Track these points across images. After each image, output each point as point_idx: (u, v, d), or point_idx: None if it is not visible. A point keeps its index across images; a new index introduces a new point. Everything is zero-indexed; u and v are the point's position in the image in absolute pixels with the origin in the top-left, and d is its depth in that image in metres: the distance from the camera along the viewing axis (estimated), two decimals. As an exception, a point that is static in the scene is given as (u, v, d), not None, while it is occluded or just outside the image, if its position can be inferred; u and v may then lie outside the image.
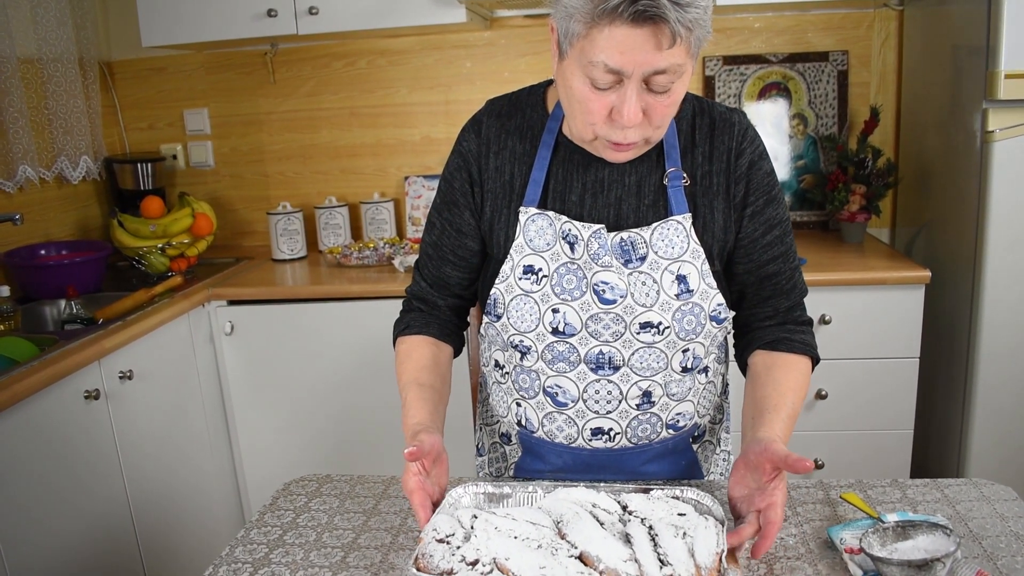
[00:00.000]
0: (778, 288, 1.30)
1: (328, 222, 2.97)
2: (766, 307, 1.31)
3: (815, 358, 1.28)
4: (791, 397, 1.19)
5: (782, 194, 1.30)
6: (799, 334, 1.28)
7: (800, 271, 1.33)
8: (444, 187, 1.35)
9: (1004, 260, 2.23)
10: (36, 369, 1.81)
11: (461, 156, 1.32)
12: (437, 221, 1.36)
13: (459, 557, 0.97)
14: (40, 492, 1.82)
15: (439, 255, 1.36)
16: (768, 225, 1.27)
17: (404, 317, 1.40)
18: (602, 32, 1.02)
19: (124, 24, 3.01)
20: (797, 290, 1.31)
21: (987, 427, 2.35)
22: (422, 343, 1.34)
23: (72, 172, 2.81)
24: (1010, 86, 2.10)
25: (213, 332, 2.57)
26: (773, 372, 1.24)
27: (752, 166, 1.25)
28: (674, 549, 0.96)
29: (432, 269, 1.37)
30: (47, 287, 2.43)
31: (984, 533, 1.11)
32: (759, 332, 1.31)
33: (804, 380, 1.24)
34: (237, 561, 1.13)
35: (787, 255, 1.29)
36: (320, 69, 3.04)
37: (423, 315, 1.39)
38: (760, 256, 1.27)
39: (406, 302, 1.42)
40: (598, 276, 1.22)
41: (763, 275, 1.29)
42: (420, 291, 1.39)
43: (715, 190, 1.25)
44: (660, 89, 1.07)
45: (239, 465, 2.68)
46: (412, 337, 1.36)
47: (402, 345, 1.35)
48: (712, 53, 2.87)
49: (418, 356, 1.32)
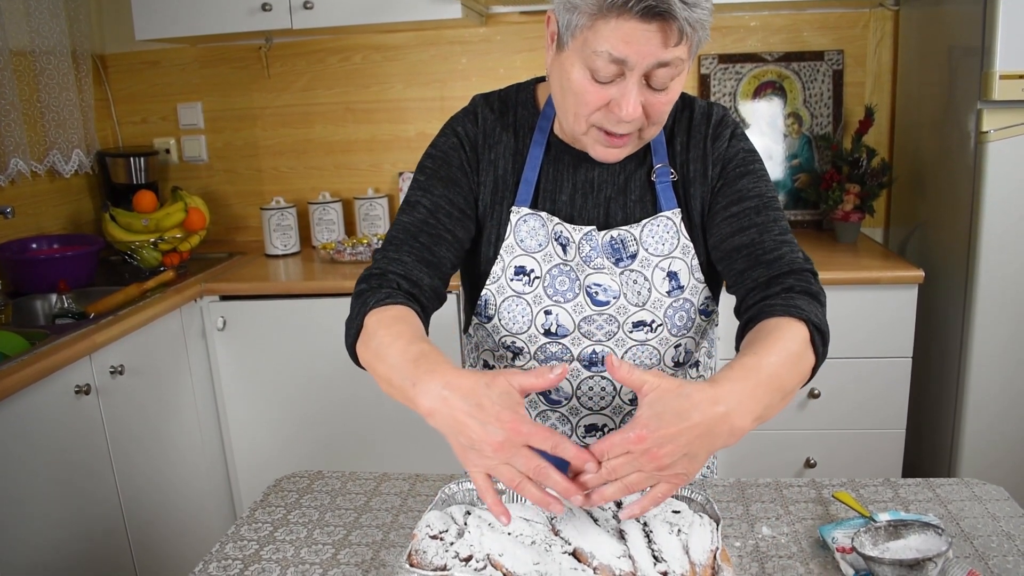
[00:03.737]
0: (755, 260, 1.16)
1: (322, 218, 2.96)
2: (745, 281, 1.16)
3: (810, 322, 1.05)
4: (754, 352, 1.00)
5: (765, 174, 1.23)
6: (784, 299, 1.09)
7: (792, 247, 1.17)
8: (435, 165, 1.26)
9: (997, 261, 2.24)
10: (26, 363, 1.80)
11: (459, 138, 1.27)
12: (426, 199, 1.23)
13: (452, 553, 0.97)
14: (30, 487, 1.81)
15: (431, 233, 1.21)
16: (736, 197, 1.20)
17: (381, 289, 1.14)
18: (608, 23, 1.01)
19: (118, 17, 2.99)
20: (783, 262, 1.15)
21: (979, 427, 2.36)
22: (412, 314, 1.11)
23: (64, 165, 2.79)
24: (1005, 87, 2.10)
25: (205, 327, 2.56)
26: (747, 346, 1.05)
27: (728, 146, 1.24)
28: (669, 546, 0.96)
29: (421, 247, 1.20)
30: (38, 281, 2.41)
31: (975, 533, 1.11)
32: (744, 313, 1.15)
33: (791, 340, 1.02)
34: (227, 557, 1.13)
35: (765, 227, 1.18)
36: (315, 64, 3.03)
37: (404, 293, 1.15)
38: (723, 228, 1.20)
39: (377, 280, 1.17)
40: (591, 278, 1.22)
41: (730, 247, 1.19)
42: (401, 268, 1.18)
43: (692, 177, 1.24)
44: (659, 86, 1.07)
45: (230, 461, 2.68)
46: (400, 306, 1.11)
47: (387, 312, 1.09)
48: (707, 51, 2.87)
49: (416, 322, 1.10)
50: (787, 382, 0.98)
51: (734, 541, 1.11)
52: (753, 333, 1.07)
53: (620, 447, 0.88)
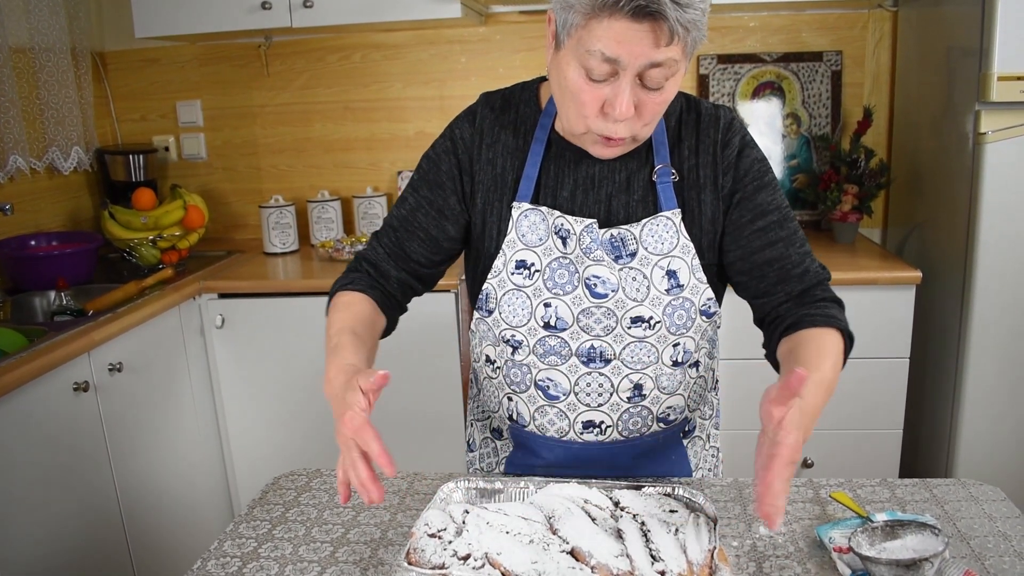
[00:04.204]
0: (785, 274, 1.24)
1: (320, 216, 2.96)
2: (777, 294, 1.24)
3: (845, 331, 1.19)
4: (817, 363, 1.10)
5: (776, 181, 1.27)
6: (820, 309, 1.20)
7: (812, 257, 1.26)
8: (427, 166, 1.32)
9: (995, 261, 2.24)
10: (25, 360, 1.80)
11: (453, 141, 1.31)
12: (411, 197, 1.32)
13: (451, 552, 0.97)
14: (28, 484, 1.81)
15: (407, 229, 1.32)
16: (759, 211, 1.24)
17: (348, 275, 1.32)
18: (601, 23, 1.02)
19: (117, 15, 2.99)
20: (811, 274, 1.24)
21: (976, 428, 2.36)
22: (363, 300, 1.27)
23: (63, 163, 2.79)
24: (1003, 88, 2.11)
25: (204, 325, 2.56)
26: (797, 351, 1.15)
27: (740, 155, 1.25)
28: (666, 545, 0.96)
29: (393, 241, 1.33)
30: (37, 278, 2.41)
31: (972, 533, 1.11)
32: (778, 321, 1.24)
33: (833, 349, 1.15)
34: (226, 555, 1.13)
35: (789, 241, 1.24)
36: (314, 62, 3.03)
37: (369, 278, 1.32)
38: (751, 242, 1.24)
39: (353, 263, 1.35)
40: (590, 270, 1.23)
41: (760, 261, 1.24)
42: (374, 256, 1.33)
43: (702, 183, 1.25)
44: (654, 85, 1.08)
45: (228, 459, 2.68)
46: (354, 293, 1.28)
47: (342, 297, 1.27)
48: (706, 52, 2.87)
49: (358, 310, 1.25)
50: (835, 385, 1.13)
51: (731, 541, 1.12)
52: (794, 341, 1.17)
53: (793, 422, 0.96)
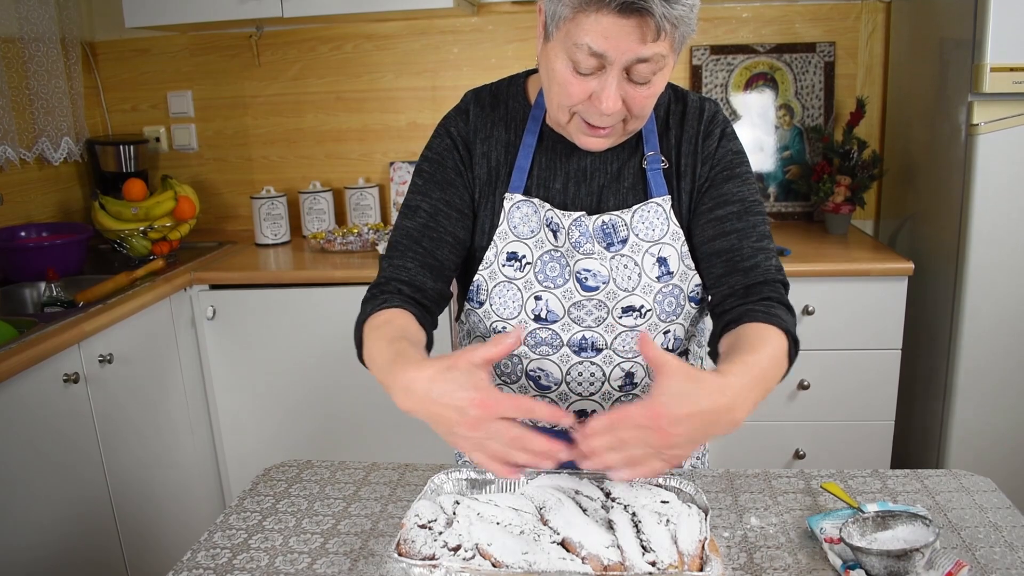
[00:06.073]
0: (733, 266, 1.19)
1: (312, 207, 2.95)
2: (722, 286, 1.20)
3: (790, 333, 1.10)
4: (751, 351, 1.03)
5: (750, 176, 1.25)
6: (765, 307, 1.14)
7: (772, 257, 1.21)
8: (431, 169, 1.28)
9: (987, 253, 2.25)
10: (15, 352, 1.79)
11: (451, 138, 1.29)
12: (425, 204, 1.26)
13: (441, 543, 0.97)
14: (18, 476, 1.80)
15: (432, 237, 1.24)
16: (721, 200, 1.23)
17: (375, 299, 1.20)
18: (588, 17, 1.02)
19: (107, 4, 2.97)
20: (760, 271, 1.19)
21: (967, 419, 2.37)
22: (402, 314, 1.16)
23: (53, 153, 2.77)
24: (996, 79, 2.11)
25: (195, 316, 2.55)
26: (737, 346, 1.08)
27: (718, 146, 1.25)
28: (657, 536, 0.96)
29: (423, 252, 1.24)
30: (27, 269, 2.40)
31: (963, 524, 1.11)
32: (723, 315, 1.19)
33: (774, 343, 1.07)
34: (216, 546, 1.13)
35: (744, 234, 1.21)
36: (306, 53, 3.02)
37: (401, 296, 1.21)
38: (705, 231, 1.23)
39: (375, 288, 1.23)
40: (580, 264, 1.23)
41: (710, 251, 1.22)
42: (405, 275, 1.22)
43: (683, 171, 1.26)
44: (641, 80, 1.08)
45: (219, 450, 2.67)
46: (390, 310, 1.16)
47: (376, 318, 1.15)
48: (699, 43, 2.87)
49: (403, 323, 1.14)
50: (772, 383, 1.03)
51: (722, 531, 1.12)
52: (734, 336, 1.11)
53: (635, 420, 0.90)
